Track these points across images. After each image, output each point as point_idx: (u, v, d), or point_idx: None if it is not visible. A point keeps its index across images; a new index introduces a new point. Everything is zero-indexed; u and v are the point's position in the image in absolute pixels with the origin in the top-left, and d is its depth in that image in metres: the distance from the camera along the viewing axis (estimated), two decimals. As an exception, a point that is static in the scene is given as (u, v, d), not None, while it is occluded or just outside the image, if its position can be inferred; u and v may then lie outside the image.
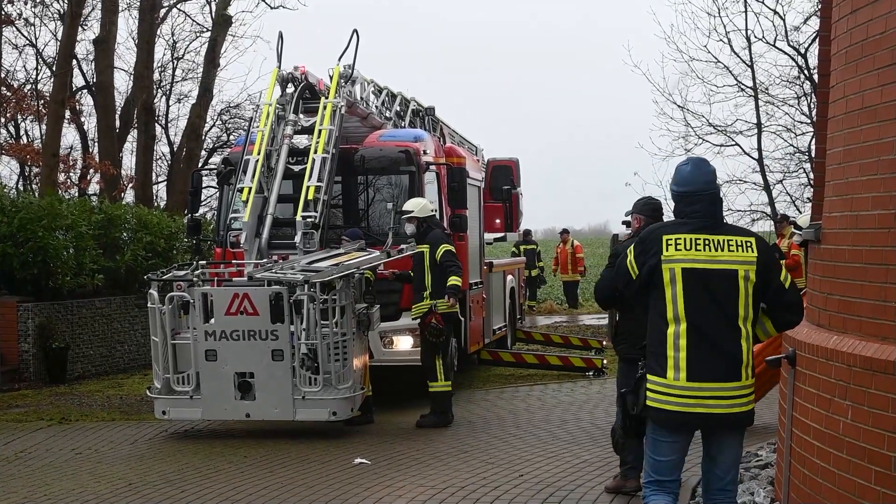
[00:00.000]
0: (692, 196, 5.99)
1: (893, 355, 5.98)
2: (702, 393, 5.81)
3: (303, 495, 9.14)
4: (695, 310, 5.83)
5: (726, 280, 5.85)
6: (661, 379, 5.86)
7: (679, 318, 5.84)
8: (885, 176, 6.32)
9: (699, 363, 5.80)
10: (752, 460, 9.49)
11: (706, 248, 5.86)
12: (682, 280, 5.84)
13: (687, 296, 5.83)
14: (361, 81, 14.81)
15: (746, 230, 6.36)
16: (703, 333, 5.82)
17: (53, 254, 17.25)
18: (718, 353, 5.83)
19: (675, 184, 6.09)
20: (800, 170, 22.89)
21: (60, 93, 24.15)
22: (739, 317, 5.87)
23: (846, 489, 6.36)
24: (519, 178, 20.22)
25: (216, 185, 15.72)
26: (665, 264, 5.88)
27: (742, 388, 5.88)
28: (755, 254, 5.92)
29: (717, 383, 5.82)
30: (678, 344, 5.82)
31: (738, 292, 5.86)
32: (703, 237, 5.88)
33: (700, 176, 6.04)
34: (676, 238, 5.90)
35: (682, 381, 5.81)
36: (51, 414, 13.85)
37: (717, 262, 5.86)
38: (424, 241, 12.60)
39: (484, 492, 9.10)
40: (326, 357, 11.55)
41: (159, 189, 33.65)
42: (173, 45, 34.61)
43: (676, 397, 5.83)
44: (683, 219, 5.99)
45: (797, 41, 22.14)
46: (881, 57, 6.42)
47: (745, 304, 5.88)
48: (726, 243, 5.88)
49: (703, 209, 5.97)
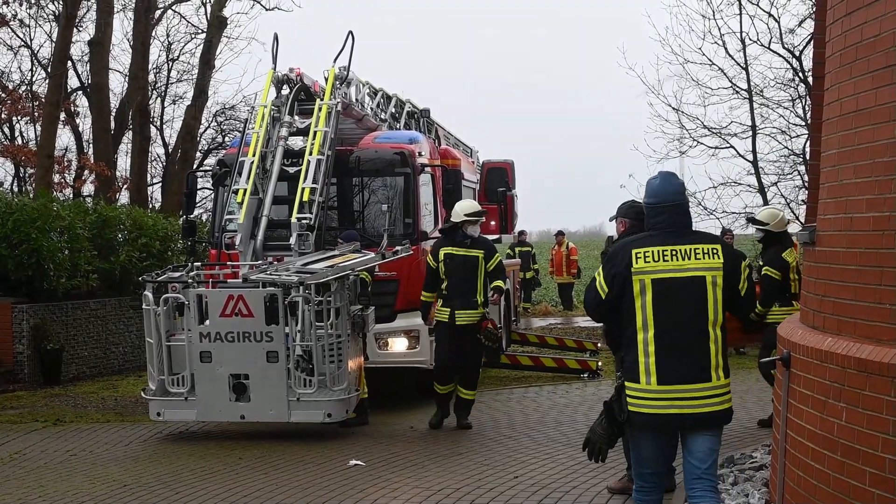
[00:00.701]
0: (660, 207, 6.33)
1: (888, 357, 5.99)
2: (673, 395, 6.09)
3: (297, 497, 9.14)
4: (664, 317, 6.13)
5: (695, 287, 6.16)
6: (637, 384, 6.16)
7: (648, 326, 6.14)
8: (879, 178, 6.33)
9: (668, 367, 6.09)
10: (747, 462, 9.51)
11: (674, 258, 6.17)
12: (651, 290, 6.15)
13: (656, 304, 6.14)
14: (357, 83, 14.82)
15: (713, 236, 6.62)
16: (671, 338, 6.11)
17: (48, 255, 17.24)
18: (687, 356, 6.11)
19: (646, 195, 6.44)
20: (794, 172, 22.87)
21: (55, 94, 24.13)
22: (709, 321, 6.16)
23: (840, 491, 6.36)
24: (514, 180, 20.25)
25: (211, 186, 15.70)
26: (635, 276, 6.17)
27: (714, 388, 6.14)
28: (721, 260, 6.22)
29: (687, 385, 6.10)
30: (648, 350, 6.12)
31: (707, 297, 6.17)
32: (670, 248, 6.19)
33: (668, 187, 6.38)
34: (645, 251, 6.20)
35: (654, 385, 6.11)
36: (45, 415, 13.85)
37: (684, 270, 6.17)
38: (477, 247, 12.27)
39: (479, 493, 9.10)
40: (321, 359, 11.56)
41: (154, 190, 33.72)
42: (168, 46, 34.68)
43: (651, 400, 6.12)
44: (651, 229, 6.33)
45: (792, 44, 22.16)
46: (876, 59, 6.43)
47: (714, 308, 6.18)
48: (693, 252, 6.20)
49: (669, 219, 6.29)
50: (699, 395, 6.09)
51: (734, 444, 10.84)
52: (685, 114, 23.40)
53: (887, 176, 6.24)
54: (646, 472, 6.37)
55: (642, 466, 6.37)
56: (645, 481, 6.39)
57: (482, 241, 12.41)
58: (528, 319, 28.97)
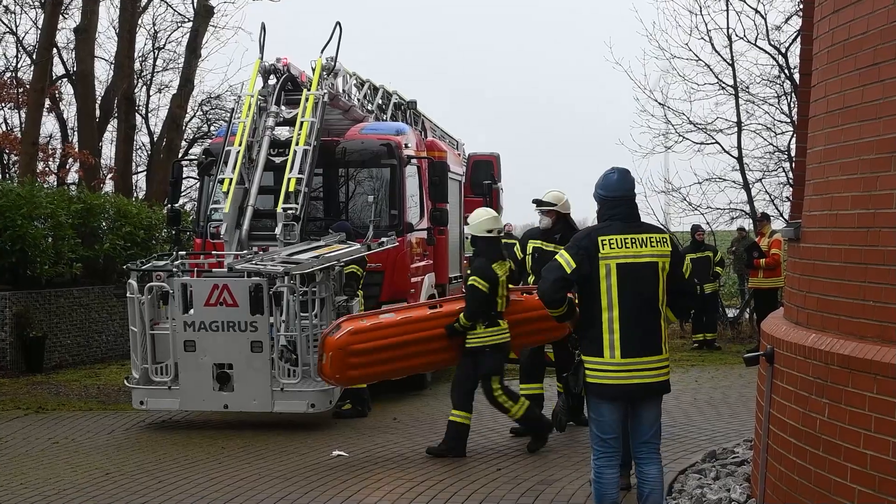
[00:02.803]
0: (619, 200, 7.04)
1: (871, 354, 6.02)
2: (634, 367, 6.83)
3: (280, 487, 9.14)
4: (626, 297, 6.83)
5: (650, 271, 6.91)
6: (599, 358, 6.87)
7: (612, 306, 6.83)
8: (865, 175, 6.35)
9: (630, 342, 6.82)
10: (729, 457, 9.53)
11: (633, 246, 6.90)
12: (616, 273, 6.84)
13: (620, 286, 6.83)
14: (344, 74, 14.81)
15: (660, 228, 7.55)
16: (633, 317, 6.83)
17: (31, 242, 17.18)
18: (644, 331, 6.86)
19: (603, 189, 7.09)
20: (779, 168, 22.89)
21: (40, 81, 24.01)
22: (659, 301, 6.94)
23: (822, 487, 6.39)
24: (500, 173, 20.28)
25: (197, 175, 15.70)
26: (602, 261, 6.85)
27: (663, 360, 6.95)
28: (669, 248, 7.01)
29: (644, 357, 6.85)
30: (612, 328, 6.83)
31: (659, 280, 6.93)
32: (630, 236, 6.91)
33: (625, 184, 7.11)
34: (610, 238, 6.89)
35: (618, 359, 6.82)
36: (28, 403, 13.81)
37: (642, 256, 6.90)
38: (558, 242, 10.87)
39: (461, 485, 9.11)
40: (305, 349, 11.56)
41: (139, 179, 33.58)
42: (154, 34, 34.48)
43: (613, 373, 6.84)
44: (608, 220, 7.00)
45: (778, 40, 22.15)
46: (863, 57, 6.45)
47: (663, 289, 6.96)
48: (648, 240, 6.94)
49: (624, 211, 7.02)
50: (653, 367, 6.88)
51: (716, 439, 10.88)
52: (671, 109, 23.40)
53: (873, 173, 6.26)
54: (609, 438, 6.96)
55: (605, 433, 6.95)
56: (607, 446, 6.96)
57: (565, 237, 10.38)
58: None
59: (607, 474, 6.96)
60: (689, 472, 9.18)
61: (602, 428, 6.96)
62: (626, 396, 6.90)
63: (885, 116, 6.18)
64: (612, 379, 6.83)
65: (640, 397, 6.93)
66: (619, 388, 6.84)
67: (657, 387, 6.94)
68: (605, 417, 6.95)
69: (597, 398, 6.95)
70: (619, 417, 6.98)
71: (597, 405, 6.98)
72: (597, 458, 7.00)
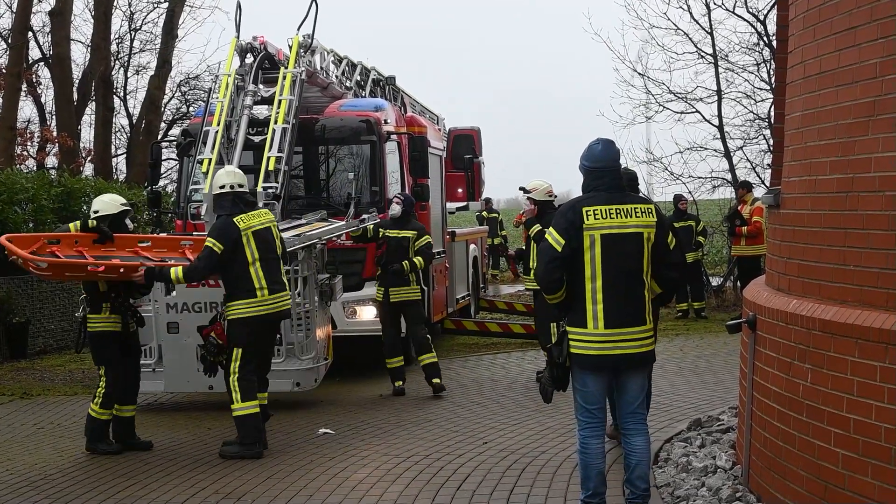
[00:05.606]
0: (602, 171, 6.98)
1: (852, 318, 6.03)
2: (618, 337, 6.81)
3: (267, 465, 9.14)
4: (610, 268, 6.80)
5: (635, 241, 6.85)
6: (583, 329, 6.85)
7: (596, 276, 6.81)
8: (843, 140, 6.36)
9: (614, 312, 6.80)
10: (714, 425, 9.57)
11: (618, 216, 6.84)
12: (600, 243, 6.80)
13: (604, 257, 6.80)
14: (321, 51, 14.72)
15: (645, 198, 7.48)
16: (617, 287, 6.80)
17: (13, 228, 17.07)
18: (628, 302, 6.83)
19: (588, 160, 7.05)
20: (759, 136, 22.90)
21: (16, 65, 23.90)
22: (643, 271, 6.89)
23: (806, 452, 6.42)
24: (480, 147, 20.24)
25: (176, 157, 15.59)
26: (586, 231, 6.81)
27: (647, 330, 6.92)
28: (654, 218, 6.94)
29: (628, 328, 6.83)
30: (596, 298, 6.80)
31: (643, 250, 6.88)
32: (615, 207, 6.86)
33: (610, 154, 7.06)
34: (595, 209, 6.85)
35: (601, 329, 6.81)
36: (12, 389, 13.77)
37: (627, 227, 6.84)
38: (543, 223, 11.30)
39: (448, 459, 9.13)
40: (289, 328, 11.53)
41: (119, 162, 33.39)
42: (131, 16, 34.27)
43: (597, 343, 6.82)
44: (592, 191, 6.96)
45: (756, 8, 22.12)
46: (838, 21, 6.44)
47: (648, 260, 6.91)
48: (633, 210, 6.89)
49: (609, 181, 6.97)
50: (636, 337, 6.85)
51: (702, 407, 10.92)
52: (651, 79, 23.39)
53: (851, 138, 6.26)
54: (593, 409, 6.99)
55: (590, 403, 6.99)
56: (592, 417, 6.99)
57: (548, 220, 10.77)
58: (496, 286, 29.02)
59: (593, 445, 6.98)
60: (675, 440, 9.23)
61: (587, 398, 6.98)
62: (609, 367, 6.89)
63: (861, 81, 6.17)
64: (595, 350, 6.82)
65: (625, 368, 6.91)
66: (602, 358, 6.84)
67: (641, 357, 6.94)
68: (590, 388, 6.95)
69: (581, 369, 6.94)
70: (604, 388, 7.00)
71: (581, 376, 6.97)
72: (582, 429, 7.02)
